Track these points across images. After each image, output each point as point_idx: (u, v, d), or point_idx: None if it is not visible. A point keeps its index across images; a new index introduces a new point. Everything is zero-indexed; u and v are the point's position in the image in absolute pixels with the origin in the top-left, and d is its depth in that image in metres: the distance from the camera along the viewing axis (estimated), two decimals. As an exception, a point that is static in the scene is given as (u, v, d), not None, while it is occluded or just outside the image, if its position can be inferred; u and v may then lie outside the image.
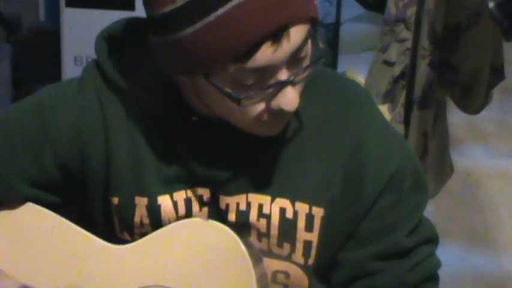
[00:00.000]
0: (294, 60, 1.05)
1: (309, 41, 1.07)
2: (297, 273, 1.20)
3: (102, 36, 1.21)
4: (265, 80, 1.05)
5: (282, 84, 1.05)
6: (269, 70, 1.04)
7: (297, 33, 1.03)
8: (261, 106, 1.07)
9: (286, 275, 1.21)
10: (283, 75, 1.05)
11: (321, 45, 1.09)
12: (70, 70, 3.41)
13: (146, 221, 1.19)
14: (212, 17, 0.99)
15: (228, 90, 1.04)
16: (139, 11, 1.09)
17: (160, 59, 1.08)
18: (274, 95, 1.06)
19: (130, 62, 1.19)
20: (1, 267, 1.25)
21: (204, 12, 0.99)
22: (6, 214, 1.25)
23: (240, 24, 0.99)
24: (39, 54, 3.68)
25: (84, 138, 1.19)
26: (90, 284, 1.21)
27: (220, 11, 0.99)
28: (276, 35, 1.01)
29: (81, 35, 3.33)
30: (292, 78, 1.05)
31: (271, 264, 1.19)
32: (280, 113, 1.07)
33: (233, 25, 0.99)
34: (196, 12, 1.00)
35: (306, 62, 1.08)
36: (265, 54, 1.01)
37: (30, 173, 1.22)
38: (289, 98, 1.06)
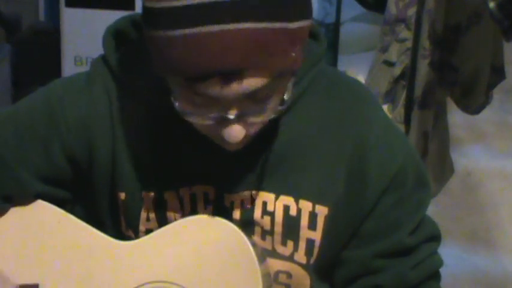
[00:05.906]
0: (248, 99, 1.02)
1: (278, 86, 1.03)
2: (299, 273, 1.21)
3: (109, 32, 1.22)
4: (211, 107, 1.03)
5: (224, 120, 1.03)
6: (217, 100, 1.02)
7: (252, 80, 0.99)
8: (208, 126, 1.06)
9: (288, 275, 1.21)
10: (230, 110, 1.02)
11: (285, 97, 1.05)
12: (70, 70, 3.41)
13: (152, 215, 1.20)
14: (177, 32, 0.98)
15: (177, 100, 1.04)
16: (140, 11, 1.09)
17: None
18: (218, 123, 1.04)
19: (136, 58, 1.19)
20: (8, 262, 1.25)
21: (170, 25, 0.98)
22: (15, 210, 1.25)
23: (190, 52, 0.98)
24: (39, 54, 3.69)
25: (92, 131, 1.20)
26: (96, 279, 1.21)
27: (179, 32, 0.98)
28: (225, 75, 0.99)
29: (81, 35, 3.33)
30: (235, 118, 1.02)
31: (274, 265, 1.19)
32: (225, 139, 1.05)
33: (186, 50, 0.98)
34: (166, 22, 0.99)
35: (271, 104, 1.04)
36: (213, 87, 1.00)
37: (40, 167, 1.22)
38: (232, 133, 1.04)
